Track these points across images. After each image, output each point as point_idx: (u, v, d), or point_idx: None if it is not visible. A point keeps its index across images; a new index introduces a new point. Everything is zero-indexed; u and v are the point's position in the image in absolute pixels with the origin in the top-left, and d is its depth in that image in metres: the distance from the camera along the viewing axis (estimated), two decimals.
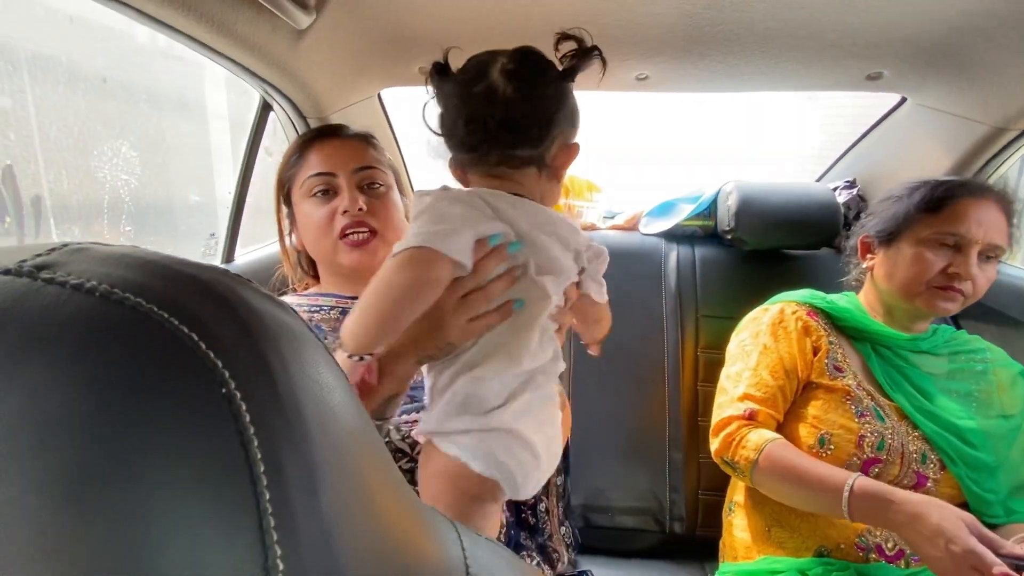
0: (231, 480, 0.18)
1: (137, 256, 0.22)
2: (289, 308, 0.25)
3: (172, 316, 0.19)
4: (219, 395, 0.19)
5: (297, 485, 0.19)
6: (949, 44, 0.95)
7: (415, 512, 0.27)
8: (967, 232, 0.84)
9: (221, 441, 0.18)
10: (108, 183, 0.80)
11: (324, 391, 0.22)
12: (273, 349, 0.21)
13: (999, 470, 0.85)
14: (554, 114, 0.58)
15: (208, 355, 0.19)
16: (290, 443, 0.20)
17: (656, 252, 1.32)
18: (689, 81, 1.16)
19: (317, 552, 0.19)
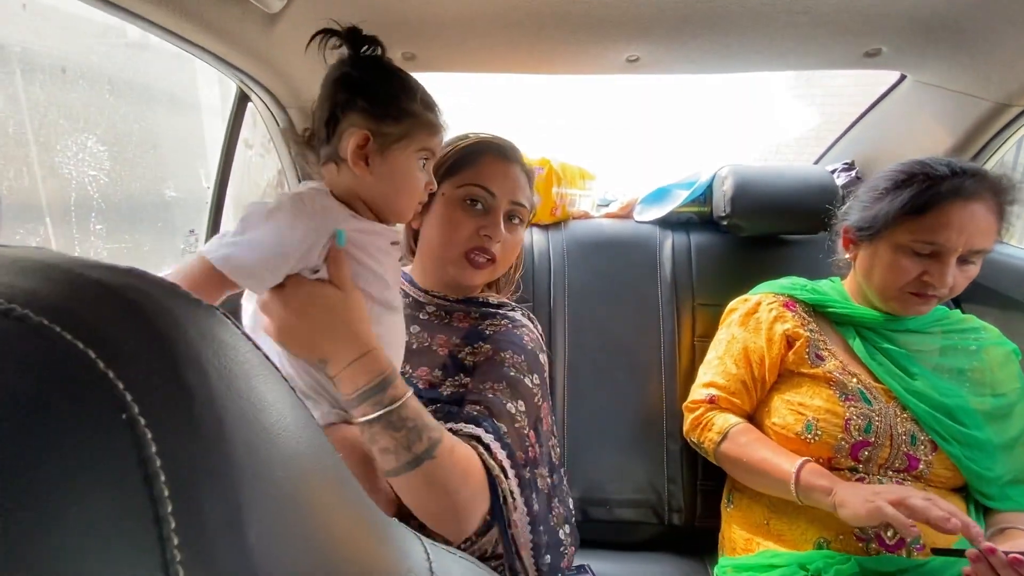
0: (131, 522, 0.15)
1: (35, 259, 0.19)
2: (222, 315, 0.22)
3: (65, 330, 0.16)
4: (118, 420, 0.16)
5: (216, 523, 0.16)
6: (949, 17, 0.92)
7: (374, 530, 0.24)
8: (946, 241, 0.82)
9: (119, 476, 0.15)
10: (75, 179, 0.76)
11: (256, 409, 0.19)
12: (192, 364, 0.18)
13: (996, 449, 0.85)
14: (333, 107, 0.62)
15: (106, 374, 0.16)
16: (208, 474, 0.17)
17: (651, 240, 1.29)
18: (682, 63, 1.13)
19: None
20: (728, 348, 1.01)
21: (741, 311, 1.03)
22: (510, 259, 0.87)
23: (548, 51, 1.07)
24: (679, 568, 1.08)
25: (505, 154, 0.85)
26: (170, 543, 0.15)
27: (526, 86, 1.41)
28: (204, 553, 0.16)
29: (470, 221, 0.80)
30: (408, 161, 0.64)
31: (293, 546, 0.19)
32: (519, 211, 0.84)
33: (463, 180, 0.81)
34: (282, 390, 0.22)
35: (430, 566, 0.26)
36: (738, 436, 0.92)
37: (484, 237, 0.79)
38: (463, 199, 0.81)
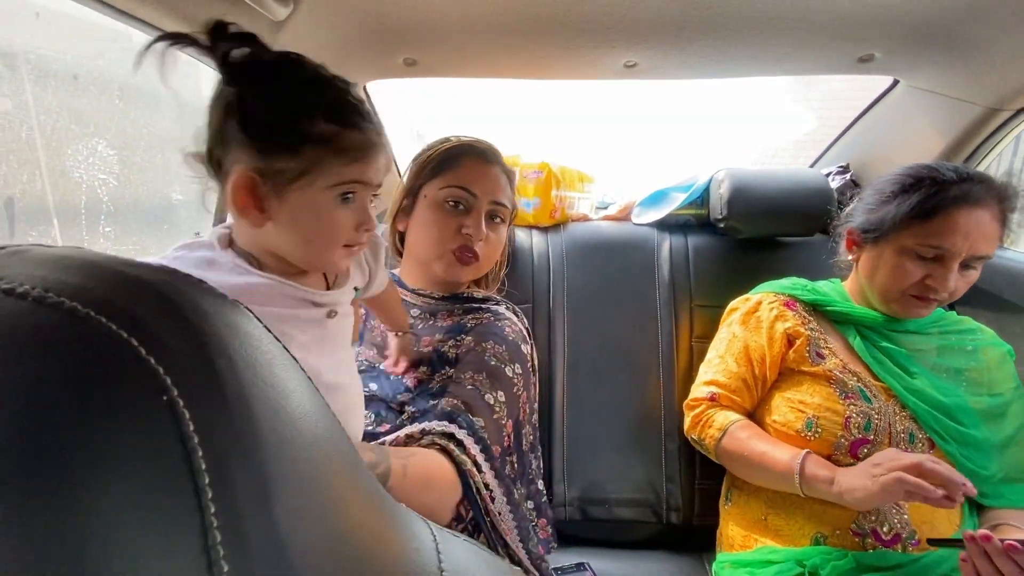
0: (173, 493, 0.17)
1: (77, 258, 0.21)
2: (245, 309, 0.23)
3: (110, 320, 0.18)
4: (160, 402, 0.17)
5: (247, 496, 0.18)
6: (940, 23, 0.94)
7: (385, 515, 0.26)
8: (951, 247, 0.83)
9: (162, 451, 0.17)
10: (85, 183, 0.78)
11: (279, 396, 0.21)
12: (221, 353, 0.20)
13: (992, 448, 0.86)
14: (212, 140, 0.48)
15: (148, 360, 0.18)
16: (240, 452, 0.18)
17: (649, 242, 1.31)
18: (679, 68, 1.15)
19: (269, 562, 0.18)
20: (729, 347, 1.02)
21: (742, 310, 1.04)
22: (494, 256, 0.93)
23: (547, 56, 1.09)
24: (677, 566, 1.09)
25: (486, 156, 0.90)
26: (208, 511, 0.17)
27: (525, 91, 1.43)
28: (237, 522, 0.17)
29: (452, 221, 0.85)
30: (316, 202, 0.48)
31: (314, 523, 0.20)
32: (500, 211, 0.89)
33: (445, 182, 0.86)
34: (302, 379, 0.23)
35: (436, 547, 0.27)
36: (738, 432, 0.93)
37: (466, 236, 0.85)
38: (445, 200, 0.86)
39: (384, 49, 1.07)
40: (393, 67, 1.14)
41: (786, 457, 0.86)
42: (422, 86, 1.28)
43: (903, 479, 0.71)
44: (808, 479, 0.83)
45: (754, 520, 0.94)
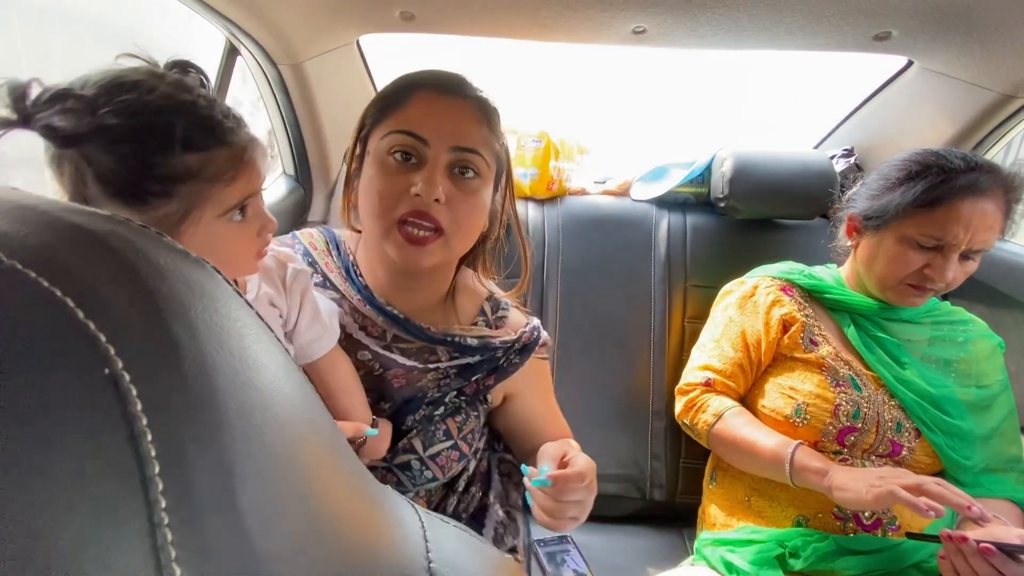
0: (116, 484, 0.14)
1: (8, 200, 0.17)
2: (212, 269, 0.20)
3: (42, 275, 0.15)
4: (100, 376, 0.15)
5: (207, 487, 0.15)
6: (962, 4, 0.90)
7: (370, 502, 0.24)
8: (952, 238, 0.82)
9: (102, 436, 0.14)
10: None
11: (249, 370, 0.18)
12: (180, 318, 0.17)
13: (976, 439, 0.87)
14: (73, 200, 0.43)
15: (87, 325, 0.15)
16: (198, 435, 0.16)
17: (647, 219, 1.28)
18: (689, 37, 1.10)
19: (232, 563, 0.16)
20: (725, 331, 1.00)
21: (737, 294, 1.02)
22: (467, 226, 0.66)
23: (552, 17, 1.03)
24: (658, 541, 1.11)
25: (443, 87, 0.65)
26: (158, 506, 0.14)
27: (526, 56, 1.37)
28: (193, 518, 0.15)
29: (398, 179, 0.62)
30: (212, 233, 0.47)
31: (287, 512, 0.18)
32: (469, 159, 0.64)
33: (387, 127, 0.63)
34: (277, 351, 0.21)
35: (424, 534, 0.25)
36: (733, 418, 0.92)
37: (415, 197, 0.61)
38: (388, 151, 0.63)
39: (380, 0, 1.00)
40: (389, 20, 1.08)
41: (778, 446, 0.85)
42: (415, 44, 1.21)
43: (896, 493, 0.71)
44: (798, 469, 0.82)
45: (738, 501, 0.95)
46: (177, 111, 0.43)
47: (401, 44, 1.20)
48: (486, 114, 0.66)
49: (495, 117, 0.68)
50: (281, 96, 1.13)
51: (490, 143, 0.66)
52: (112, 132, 0.40)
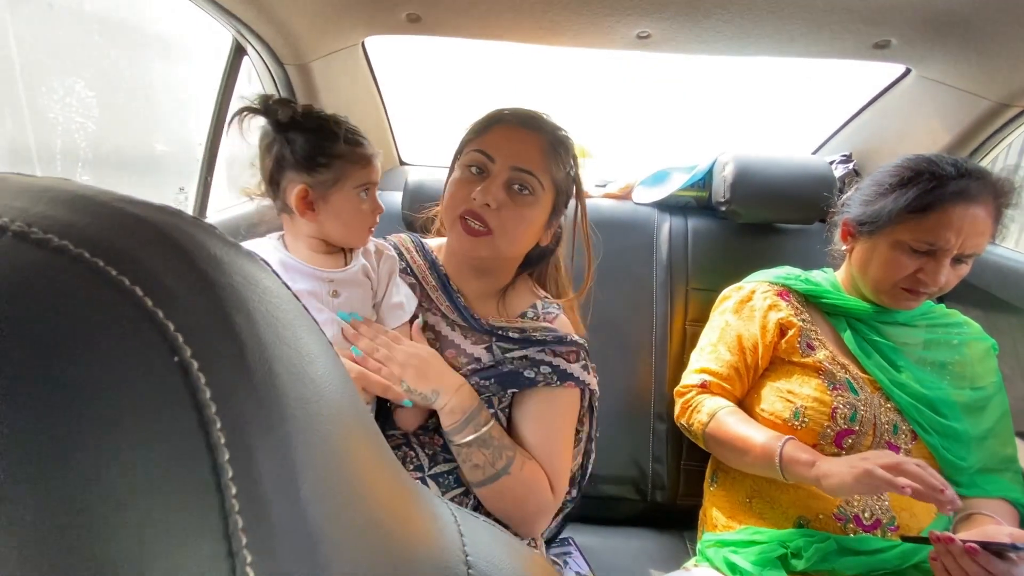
0: (188, 471, 0.14)
1: (67, 190, 0.18)
2: (262, 262, 0.20)
3: (109, 264, 0.15)
4: (171, 364, 0.15)
5: (272, 475, 0.16)
6: (961, 14, 0.92)
7: (410, 494, 0.24)
8: (945, 244, 0.83)
9: (174, 422, 0.14)
10: (61, 125, 0.72)
11: (304, 361, 0.18)
12: (240, 307, 0.17)
13: (971, 440, 0.88)
14: (271, 170, 0.71)
15: (156, 313, 0.15)
16: (262, 424, 0.16)
17: (649, 222, 1.29)
18: (693, 42, 1.11)
19: (295, 553, 0.16)
20: (722, 335, 1.02)
21: (735, 299, 1.03)
22: (515, 233, 0.79)
23: (557, 21, 1.04)
24: (659, 543, 1.11)
25: (518, 121, 0.80)
26: (228, 492, 0.14)
27: (531, 60, 1.38)
28: (261, 505, 0.15)
29: (466, 186, 0.78)
30: (347, 199, 0.71)
31: (342, 501, 0.18)
32: (524, 179, 0.77)
33: (470, 148, 0.80)
34: (324, 342, 0.21)
35: (459, 528, 0.25)
36: (726, 417, 0.94)
37: (473, 200, 0.77)
38: (467, 165, 0.80)
39: (387, 2, 1.01)
40: (395, 23, 1.08)
41: (768, 441, 0.86)
42: (421, 48, 1.21)
43: (874, 472, 0.72)
44: (787, 462, 0.83)
45: (739, 503, 0.95)
46: (338, 124, 0.70)
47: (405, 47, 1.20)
48: (553, 146, 0.80)
49: (562, 150, 0.81)
50: (286, 95, 1.13)
51: (550, 170, 0.79)
52: (305, 129, 0.69)
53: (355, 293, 0.75)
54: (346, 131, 0.70)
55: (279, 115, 0.68)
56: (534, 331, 0.82)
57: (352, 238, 0.75)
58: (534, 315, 0.86)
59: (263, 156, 0.71)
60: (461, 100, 2.34)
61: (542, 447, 0.79)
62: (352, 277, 0.75)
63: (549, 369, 0.80)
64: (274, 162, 0.69)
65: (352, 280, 0.75)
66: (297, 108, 0.69)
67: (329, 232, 0.73)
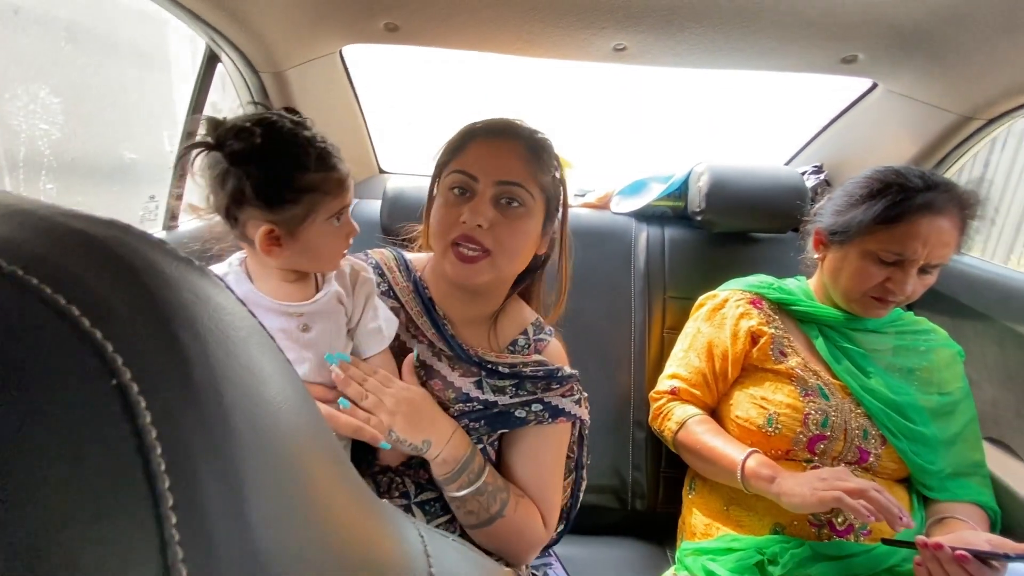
0: (125, 500, 0.14)
1: (4, 203, 0.17)
2: (216, 278, 0.20)
3: (44, 281, 0.15)
4: (108, 386, 0.14)
5: (217, 502, 0.15)
6: (924, 29, 0.95)
7: (373, 514, 0.23)
8: (912, 254, 0.86)
9: (111, 449, 0.14)
10: (24, 132, 0.69)
11: (257, 380, 0.18)
12: (187, 325, 0.16)
13: (939, 444, 0.90)
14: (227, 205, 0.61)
15: (93, 333, 0.14)
16: (209, 448, 0.15)
17: (627, 232, 1.30)
18: (667, 55, 1.13)
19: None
20: (693, 342, 1.04)
21: (708, 306, 1.05)
22: (514, 249, 0.75)
23: (535, 33, 1.05)
24: (640, 552, 1.11)
25: (494, 132, 0.76)
26: (168, 521, 0.14)
27: (510, 71, 1.40)
28: (203, 533, 0.14)
29: (453, 211, 0.73)
30: (320, 232, 0.63)
31: (295, 525, 0.18)
32: (512, 192, 0.72)
33: (449, 169, 0.75)
34: (280, 361, 0.20)
35: (425, 548, 0.25)
36: (694, 426, 0.96)
37: (463, 224, 0.72)
38: (449, 188, 0.75)
39: (364, 11, 1.00)
40: (373, 31, 1.08)
41: (732, 453, 0.88)
42: (399, 57, 1.21)
43: (842, 500, 0.74)
44: (748, 476, 0.85)
45: (716, 510, 0.96)
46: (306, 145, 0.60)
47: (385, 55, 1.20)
48: (534, 151, 0.75)
49: (544, 154, 0.77)
50: (261, 102, 1.11)
51: (536, 177, 0.75)
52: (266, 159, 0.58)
53: (328, 325, 0.69)
54: (317, 155, 0.61)
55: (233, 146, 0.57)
56: (525, 366, 0.78)
57: (324, 265, 0.69)
58: (525, 343, 0.82)
59: (215, 189, 0.60)
60: (441, 107, 2.34)
61: (535, 484, 0.77)
62: (323, 308, 0.69)
63: (541, 407, 0.77)
64: (229, 198, 0.59)
65: (323, 311, 0.69)
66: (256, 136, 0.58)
67: (298, 263, 0.66)
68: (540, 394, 0.78)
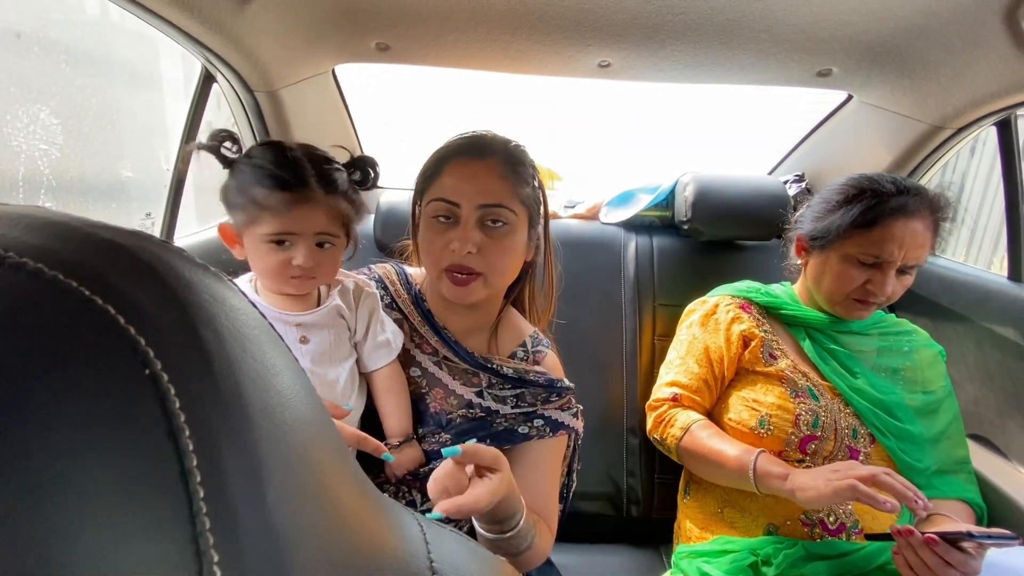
0: (158, 476, 0.15)
1: (40, 217, 0.19)
2: (230, 282, 0.22)
3: (82, 284, 0.16)
4: (141, 376, 0.16)
5: (238, 480, 0.17)
6: (893, 43, 1.00)
7: (375, 504, 0.25)
8: (889, 255, 0.89)
9: (144, 430, 0.16)
10: (24, 152, 0.71)
11: (269, 373, 0.20)
12: (207, 323, 0.18)
13: (925, 442, 0.92)
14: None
15: (127, 329, 0.16)
16: (229, 431, 0.17)
17: (616, 241, 1.33)
18: (651, 71, 1.17)
19: (261, 555, 0.17)
20: (690, 348, 1.05)
21: (700, 312, 1.07)
22: (502, 266, 0.76)
23: (523, 51, 1.09)
24: (636, 559, 1.12)
25: (470, 152, 0.76)
26: (196, 496, 0.15)
27: (500, 87, 1.43)
28: (228, 507, 0.16)
29: (440, 239, 0.74)
30: (257, 244, 0.67)
31: (307, 507, 0.19)
32: (495, 214, 0.74)
33: (429, 196, 0.76)
34: (289, 358, 0.22)
35: (425, 537, 0.26)
36: (699, 431, 0.96)
37: (451, 252, 0.73)
38: (432, 217, 0.75)
39: (356, 31, 1.03)
40: (364, 51, 1.11)
41: (741, 455, 0.89)
42: (391, 73, 1.24)
43: (857, 488, 0.74)
44: (761, 475, 0.86)
45: (711, 513, 0.97)
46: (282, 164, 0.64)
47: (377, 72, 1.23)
48: (511, 165, 0.76)
49: (520, 165, 0.77)
50: (256, 123, 1.14)
51: (517, 192, 0.75)
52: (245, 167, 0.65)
53: (325, 337, 0.71)
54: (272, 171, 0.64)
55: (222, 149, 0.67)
56: (527, 372, 0.81)
57: (268, 283, 0.70)
58: (524, 355, 0.84)
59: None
60: (435, 123, 2.37)
61: (538, 496, 0.78)
62: (321, 320, 0.71)
63: (542, 422, 0.79)
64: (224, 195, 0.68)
65: (322, 323, 0.71)
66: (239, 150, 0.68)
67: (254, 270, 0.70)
68: (540, 407, 0.80)
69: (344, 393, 0.72)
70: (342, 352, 0.73)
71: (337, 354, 0.72)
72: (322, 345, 0.70)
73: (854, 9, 0.89)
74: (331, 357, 0.71)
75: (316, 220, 0.67)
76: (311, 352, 0.70)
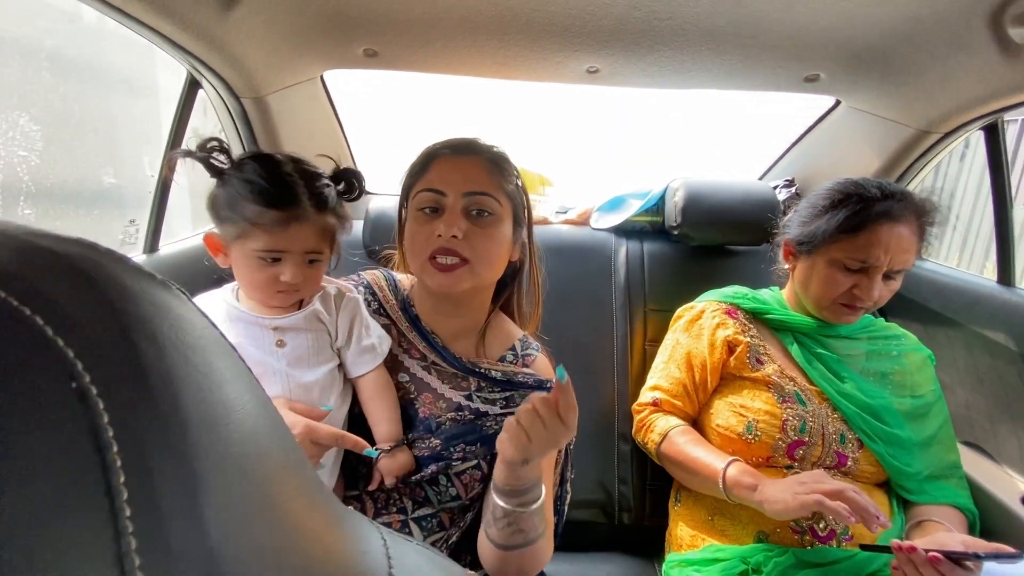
0: (82, 493, 0.15)
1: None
2: (176, 289, 0.21)
3: (11, 295, 0.16)
4: (68, 390, 0.15)
5: (171, 497, 0.16)
6: (879, 48, 1.00)
7: (331, 518, 0.24)
8: (875, 260, 0.89)
9: (70, 447, 0.15)
10: (3, 159, 0.70)
11: (213, 384, 0.19)
12: (147, 335, 0.18)
13: (915, 447, 0.91)
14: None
15: (55, 341, 0.16)
16: (163, 446, 0.16)
17: (607, 247, 1.33)
18: (639, 76, 1.17)
19: (195, 572, 0.16)
20: (672, 353, 1.05)
21: (686, 318, 1.07)
22: (487, 253, 0.77)
23: (511, 57, 1.09)
24: (628, 567, 1.11)
25: (456, 149, 0.79)
26: (122, 514, 0.15)
27: (490, 92, 1.43)
28: (158, 527, 0.15)
29: (427, 227, 0.75)
30: (245, 258, 0.67)
31: (250, 525, 0.18)
32: (481, 202, 0.75)
33: (416, 189, 0.78)
34: (240, 369, 0.21)
35: (387, 551, 0.25)
36: (676, 437, 0.96)
37: (439, 237, 0.74)
38: (419, 208, 0.77)
39: (344, 38, 1.03)
40: (352, 57, 1.11)
41: (714, 463, 0.89)
42: (382, 79, 1.24)
43: (823, 503, 0.74)
44: (730, 485, 0.86)
45: (701, 521, 0.96)
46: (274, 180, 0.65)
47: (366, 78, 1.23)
48: (496, 163, 0.79)
49: (505, 165, 0.81)
50: (244, 129, 1.13)
51: (501, 186, 0.78)
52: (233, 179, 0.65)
53: (303, 341, 0.71)
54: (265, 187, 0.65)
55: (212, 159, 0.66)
56: (515, 374, 0.81)
57: (252, 295, 0.71)
58: (513, 358, 0.84)
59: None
60: (424, 128, 2.38)
61: None
62: (297, 324, 0.71)
63: None
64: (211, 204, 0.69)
65: (298, 328, 0.71)
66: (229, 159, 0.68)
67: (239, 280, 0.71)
68: None
69: (322, 397, 0.72)
70: (321, 356, 0.72)
71: (316, 358, 0.72)
72: (299, 349, 0.70)
73: (840, 15, 0.89)
74: (309, 361, 0.71)
75: (307, 238, 0.68)
76: (287, 355, 0.70)
